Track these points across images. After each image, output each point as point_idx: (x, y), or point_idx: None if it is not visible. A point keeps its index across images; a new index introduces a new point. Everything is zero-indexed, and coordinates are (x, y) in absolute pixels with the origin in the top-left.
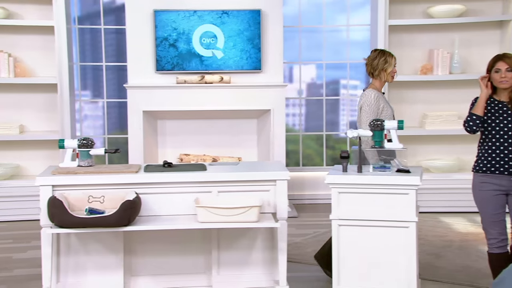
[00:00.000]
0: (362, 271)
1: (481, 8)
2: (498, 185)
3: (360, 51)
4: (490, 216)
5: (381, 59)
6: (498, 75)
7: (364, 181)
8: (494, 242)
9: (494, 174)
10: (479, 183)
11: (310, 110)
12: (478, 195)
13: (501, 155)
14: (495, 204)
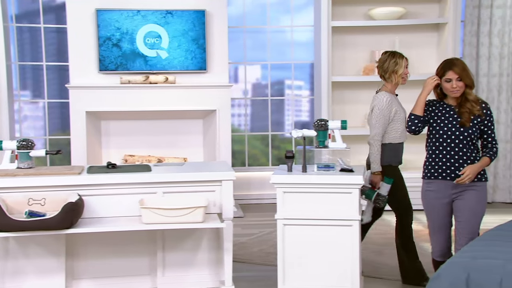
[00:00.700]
0: (307, 269)
1: (420, 11)
2: (443, 192)
3: (304, 52)
4: (435, 224)
5: (391, 61)
6: (449, 85)
7: (309, 180)
8: (436, 250)
9: (438, 180)
10: (425, 191)
11: (255, 110)
12: (424, 202)
13: (444, 159)
14: (438, 212)
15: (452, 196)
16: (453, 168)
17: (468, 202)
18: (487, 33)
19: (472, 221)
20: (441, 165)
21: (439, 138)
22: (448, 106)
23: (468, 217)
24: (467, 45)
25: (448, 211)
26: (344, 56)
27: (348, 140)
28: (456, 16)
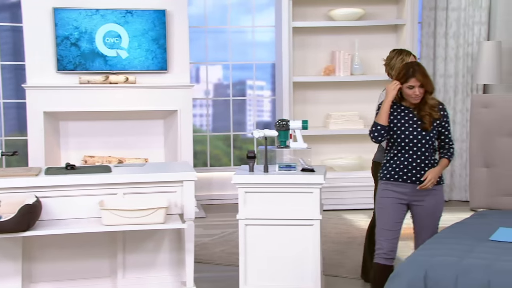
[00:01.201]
0: (269, 269)
1: (378, 12)
2: (400, 194)
3: (266, 52)
4: (385, 225)
5: (398, 58)
6: (412, 92)
7: (270, 180)
8: (381, 253)
9: (398, 182)
10: (381, 190)
11: (217, 111)
12: (379, 202)
13: (405, 162)
14: (393, 214)
15: (410, 200)
16: (414, 171)
17: (428, 208)
18: (443, 34)
19: (431, 225)
20: (402, 168)
21: (401, 142)
22: (406, 108)
23: (428, 223)
24: (424, 46)
25: (403, 214)
26: (305, 57)
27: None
28: (414, 18)
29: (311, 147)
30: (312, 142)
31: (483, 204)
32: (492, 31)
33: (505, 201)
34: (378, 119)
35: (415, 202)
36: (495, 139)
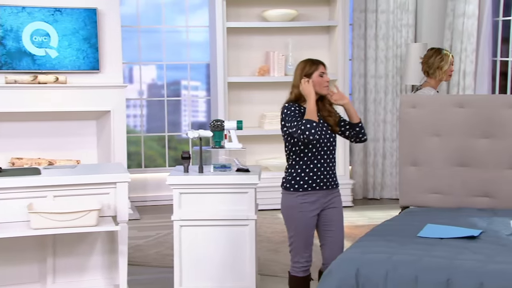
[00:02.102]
0: (204, 270)
1: (311, 13)
2: (316, 203)
3: (200, 52)
4: (306, 240)
5: (437, 57)
6: (323, 79)
7: (205, 181)
8: (300, 266)
9: (315, 191)
10: (299, 204)
11: (151, 111)
12: (298, 217)
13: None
14: (312, 226)
15: (324, 206)
16: (328, 176)
17: (339, 208)
18: (373, 36)
19: (342, 227)
20: (320, 175)
21: (312, 148)
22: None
23: (340, 224)
24: (355, 47)
25: (316, 222)
26: (239, 57)
27: (244, 140)
28: (345, 20)
29: (246, 147)
30: (247, 142)
31: (412, 201)
32: (418, 33)
33: (433, 199)
34: (310, 117)
35: (328, 206)
36: (423, 139)
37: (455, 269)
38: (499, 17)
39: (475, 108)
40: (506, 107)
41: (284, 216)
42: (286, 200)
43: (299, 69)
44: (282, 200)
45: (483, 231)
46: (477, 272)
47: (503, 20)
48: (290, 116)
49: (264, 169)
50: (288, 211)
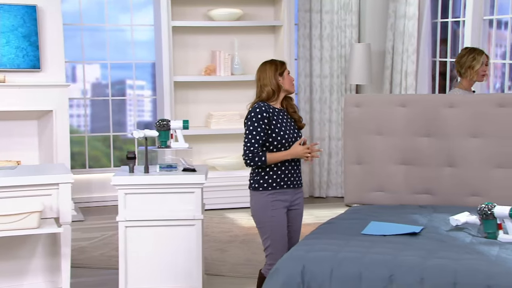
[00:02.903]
0: (150, 271)
1: (257, 13)
2: (286, 202)
3: (145, 51)
4: (282, 238)
5: (469, 57)
6: (291, 78)
7: (151, 181)
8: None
9: (283, 189)
10: (270, 202)
11: (95, 111)
12: (271, 215)
13: (289, 167)
14: (285, 224)
15: (290, 205)
16: (295, 174)
17: (301, 210)
18: (318, 36)
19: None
20: (288, 173)
21: (282, 148)
22: (280, 110)
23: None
24: (301, 47)
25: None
26: (185, 56)
27: (190, 139)
28: (290, 19)
29: (193, 147)
30: (193, 142)
31: (356, 199)
32: (362, 34)
33: (376, 196)
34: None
35: (293, 206)
36: (367, 137)
37: (397, 265)
38: (437, 18)
39: (417, 108)
40: (445, 107)
41: (256, 217)
42: (257, 200)
43: (269, 70)
44: (253, 201)
45: (424, 227)
46: (418, 267)
47: (441, 22)
48: (253, 132)
49: (211, 168)
50: (260, 212)
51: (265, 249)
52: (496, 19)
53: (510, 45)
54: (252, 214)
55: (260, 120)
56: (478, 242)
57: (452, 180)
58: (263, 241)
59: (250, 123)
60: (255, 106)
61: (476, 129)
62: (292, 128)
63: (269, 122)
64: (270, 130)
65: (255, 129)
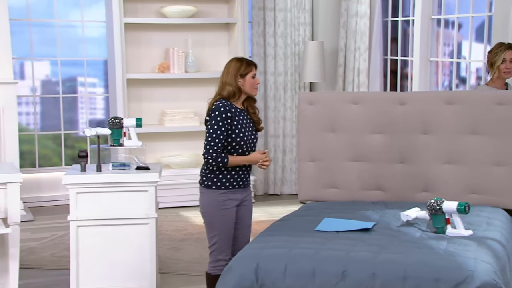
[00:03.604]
0: (102, 271)
1: (210, 10)
2: (236, 200)
3: (97, 48)
4: (229, 237)
5: (493, 52)
6: (254, 81)
7: (103, 180)
8: (224, 264)
9: (235, 189)
10: (222, 201)
11: (46, 109)
12: (222, 214)
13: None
14: (233, 223)
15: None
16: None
17: (250, 206)
18: (272, 34)
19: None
20: (241, 174)
21: (239, 149)
22: (241, 110)
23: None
24: (255, 44)
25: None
26: (138, 53)
27: (144, 137)
28: (244, 17)
29: (146, 145)
30: (147, 139)
31: (310, 196)
32: (315, 32)
33: (330, 193)
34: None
35: (243, 203)
36: (320, 135)
37: (350, 261)
38: (388, 17)
39: (369, 105)
40: (396, 104)
41: (206, 214)
42: (208, 198)
43: (233, 68)
44: (204, 198)
45: (376, 223)
46: (370, 263)
47: (392, 21)
48: (217, 131)
49: (165, 166)
50: (211, 210)
51: (210, 245)
52: (443, 18)
53: (457, 44)
54: (201, 211)
55: (224, 120)
56: (427, 237)
57: (403, 176)
58: (210, 238)
59: (214, 122)
60: (218, 104)
61: (426, 126)
62: (250, 130)
63: (231, 122)
64: (230, 130)
65: (219, 129)
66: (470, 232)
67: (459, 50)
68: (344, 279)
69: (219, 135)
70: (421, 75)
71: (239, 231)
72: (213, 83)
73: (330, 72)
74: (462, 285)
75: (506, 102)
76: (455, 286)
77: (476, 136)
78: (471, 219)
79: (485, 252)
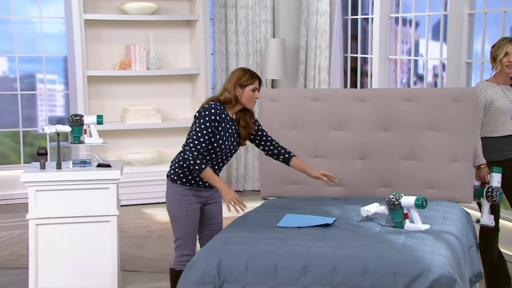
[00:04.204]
0: (63, 269)
1: (172, 7)
2: (201, 197)
3: (57, 45)
4: (192, 232)
5: (495, 45)
6: (254, 95)
7: (63, 177)
8: (188, 260)
9: (200, 188)
10: (185, 196)
11: (3, 106)
12: (183, 210)
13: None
14: (197, 220)
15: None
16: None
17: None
18: (234, 31)
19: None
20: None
21: (213, 154)
22: (232, 120)
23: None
24: (217, 42)
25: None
26: (99, 50)
27: (106, 135)
28: (205, 14)
29: (108, 142)
30: (109, 137)
31: (272, 193)
32: (277, 29)
33: (292, 189)
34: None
35: (211, 200)
36: (282, 131)
37: (311, 256)
38: (348, 15)
39: (329, 102)
40: (356, 101)
41: (170, 209)
42: (173, 192)
43: (236, 76)
44: (168, 191)
45: (337, 218)
46: (330, 258)
47: (352, 19)
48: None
49: (127, 164)
50: (175, 204)
51: (175, 240)
52: (401, 17)
53: (414, 42)
54: (166, 203)
55: (212, 122)
56: (386, 231)
57: (363, 172)
58: (174, 232)
59: (202, 121)
60: (211, 104)
61: (385, 123)
62: (232, 141)
63: (217, 125)
64: (217, 135)
65: (206, 129)
66: (427, 226)
67: (417, 48)
68: (305, 274)
69: (204, 135)
70: (380, 72)
71: (211, 226)
72: (175, 80)
73: (291, 70)
74: (420, 278)
75: (462, 100)
76: (412, 279)
77: (433, 132)
78: (428, 214)
79: (442, 245)
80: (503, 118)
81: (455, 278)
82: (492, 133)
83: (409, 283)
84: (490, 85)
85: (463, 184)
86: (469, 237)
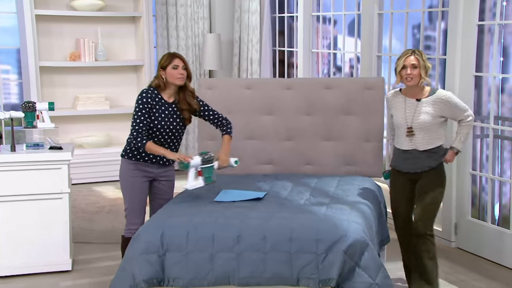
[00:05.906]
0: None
1: (118, 4)
2: (148, 172)
3: (10, 37)
4: (139, 204)
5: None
6: (176, 71)
7: (17, 159)
8: (134, 229)
9: (147, 163)
10: (131, 170)
11: None
12: (129, 182)
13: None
14: (144, 192)
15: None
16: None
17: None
18: (174, 27)
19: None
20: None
21: (159, 135)
22: (166, 102)
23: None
24: (160, 36)
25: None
26: (51, 43)
27: (57, 120)
28: (149, 11)
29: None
30: (61, 122)
31: None
32: (213, 25)
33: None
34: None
35: (161, 178)
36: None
37: (244, 227)
38: (276, 13)
39: (260, 90)
40: (284, 89)
41: (120, 182)
42: (122, 166)
43: (159, 62)
44: (120, 166)
45: (267, 193)
46: (261, 227)
47: (279, 16)
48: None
49: (78, 146)
50: (122, 177)
51: (124, 209)
52: (322, 15)
53: (333, 37)
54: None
55: (143, 105)
56: (310, 203)
57: (290, 152)
58: (124, 203)
59: (136, 105)
60: (143, 90)
61: (308, 108)
62: (172, 121)
63: (151, 108)
64: (153, 116)
65: (140, 111)
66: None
67: (335, 43)
68: (239, 242)
69: (139, 116)
70: (304, 64)
71: (162, 203)
72: (121, 71)
73: (226, 61)
74: (338, 243)
75: (373, 87)
76: (332, 244)
77: (349, 116)
78: (345, 187)
79: (356, 214)
80: (399, 132)
81: (367, 242)
82: (396, 144)
83: (329, 247)
84: (395, 96)
85: (374, 161)
86: (380, 206)
